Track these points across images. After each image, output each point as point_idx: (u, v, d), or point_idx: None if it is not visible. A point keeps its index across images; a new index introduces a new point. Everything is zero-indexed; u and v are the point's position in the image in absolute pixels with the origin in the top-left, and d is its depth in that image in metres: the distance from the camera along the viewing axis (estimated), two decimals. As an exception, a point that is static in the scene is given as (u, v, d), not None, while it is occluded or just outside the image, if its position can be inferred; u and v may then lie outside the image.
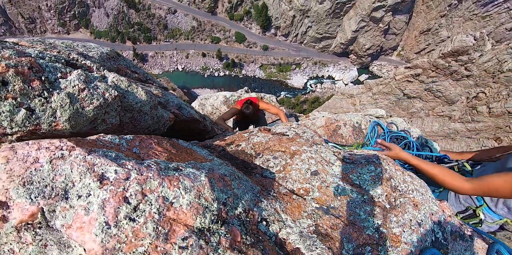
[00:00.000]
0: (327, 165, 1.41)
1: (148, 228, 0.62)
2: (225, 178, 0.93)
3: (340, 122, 6.41)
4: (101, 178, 0.65)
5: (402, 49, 70.10)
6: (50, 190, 0.62)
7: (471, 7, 58.61)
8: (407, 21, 66.45)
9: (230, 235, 0.77)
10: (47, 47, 1.49)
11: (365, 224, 1.13)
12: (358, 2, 64.86)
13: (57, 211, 0.60)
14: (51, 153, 0.67)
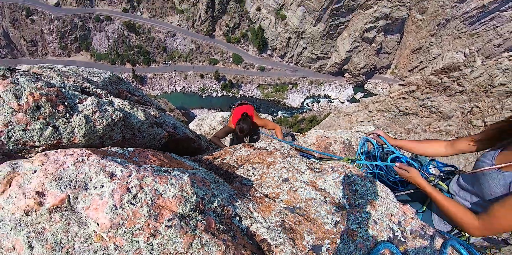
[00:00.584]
0: (297, 173, 1.66)
1: (143, 210, 0.87)
2: (205, 180, 1.19)
3: (330, 139, 6.66)
4: (111, 175, 0.90)
5: (395, 67, 72.11)
6: (74, 183, 0.87)
7: (459, 25, 61.09)
8: (398, 40, 68.94)
9: (205, 221, 1.02)
10: (63, 77, 1.79)
11: (325, 221, 1.37)
12: (351, 24, 67.50)
13: (79, 198, 0.85)
14: (74, 158, 0.93)
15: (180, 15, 74.08)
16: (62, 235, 0.83)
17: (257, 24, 73.86)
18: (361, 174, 1.75)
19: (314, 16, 66.60)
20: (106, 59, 70.79)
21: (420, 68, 65.67)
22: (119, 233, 0.84)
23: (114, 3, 72.21)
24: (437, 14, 62.24)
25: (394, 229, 1.58)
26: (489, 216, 1.67)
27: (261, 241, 1.21)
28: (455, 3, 59.90)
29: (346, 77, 74.30)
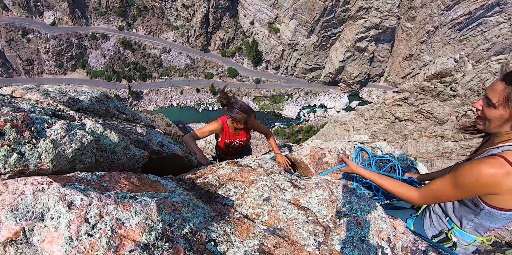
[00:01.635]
0: (279, 191, 1.63)
1: (102, 241, 0.83)
2: (175, 205, 1.15)
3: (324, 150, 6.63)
4: (69, 204, 0.87)
5: (388, 75, 73.15)
6: (31, 214, 0.83)
7: (447, 32, 62.73)
8: (390, 48, 70.30)
9: (173, 250, 0.97)
10: (41, 98, 1.77)
11: (306, 242, 1.32)
12: (343, 35, 68.86)
13: (35, 230, 0.82)
14: (34, 187, 0.90)
15: (175, 31, 75.32)
16: (15, 272, 0.78)
17: (251, 37, 75.15)
18: (346, 190, 1.71)
19: (306, 28, 67.98)
20: (102, 76, 71.30)
21: (412, 75, 66.80)
22: (74, 267, 0.79)
23: (109, 21, 73.43)
24: (425, 22, 63.82)
25: (383, 247, 1.53)
26: (428, 187, 1.91)
27: (237, 266, 1.16)
28: (442, 11, 61.58)
29: (340, 86, 75.09)
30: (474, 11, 59.45)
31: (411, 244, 1.66)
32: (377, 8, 63.13)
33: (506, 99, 1.59)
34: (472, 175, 1.64)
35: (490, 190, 1.64)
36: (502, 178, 1.56)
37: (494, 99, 1.64)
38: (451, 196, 1.80)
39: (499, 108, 1.64)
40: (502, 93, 1.62)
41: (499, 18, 60.01)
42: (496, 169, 1.58)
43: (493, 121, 1.70)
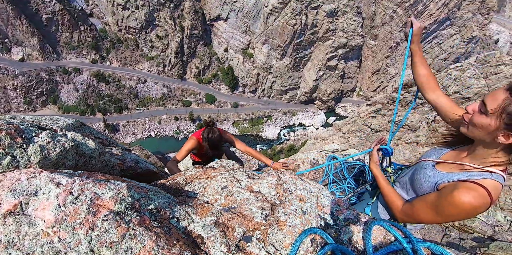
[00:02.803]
0: (236, 182, 1.93)
1: (83, 208, 1.11)
2: (143, 188, 1.43)
3: (298, 161, 6.97)
4: (57, 184, 1.14)
5: (360, 89, 76.63)
6: (27, 192, 1.10)
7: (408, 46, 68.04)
8: (358, 65, 74.31)
9: (140, 218, 1.25)
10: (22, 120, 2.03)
11: (255, 215, 1.61)
12: (313, 55, 72.21)
13: (30, 203, 1.08)
14: (28, 175, 1.17)
15: (150, 61, 76.25)
16: (14, 235, 1.04)
17: (226, 63, 77.19)
18: (293, 176, 2.04)
19: (279, 51, 70.91)
20: (75, 111, 69.48)
21: (382, 88, 70.69)
22: (62, 227, 1.06)
23: (82, 55, 73.27)
24: (387, 39, 68.60)
25: (326, 218, 1.83)
26: (411, 205, 1.97)
27: (196, 236, 1.43)
28: (401, 28, 66.74)
29: (316, 104, 77.47)
30: (428, 26, 65.19)
31: (353, 217, 1.98)
32: (342, 29, 67.30)
33: (502, 109, 1.50)
34: (454, 206, 1.65)
35: (468, 217, 1.70)
36: (480, 209, 1.59)
37: (491, 106, 1.55)
38: (430, 221, 1.86)
39: (491, 117, 1.56)
40: (502, 102, 1.51)
41: (451, 30, 66.12)
42: (477, 202, 1.58)
43: (477, 128, 1.64)
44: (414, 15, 64.90)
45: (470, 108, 1.68)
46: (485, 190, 1.58)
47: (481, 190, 1.59)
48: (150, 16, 71.10)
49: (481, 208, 1.59)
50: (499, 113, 1.50)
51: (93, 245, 1.07)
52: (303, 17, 65.12)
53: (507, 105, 1.46)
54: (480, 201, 1.57)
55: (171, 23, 71.45)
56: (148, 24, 72.63)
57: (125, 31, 74.09)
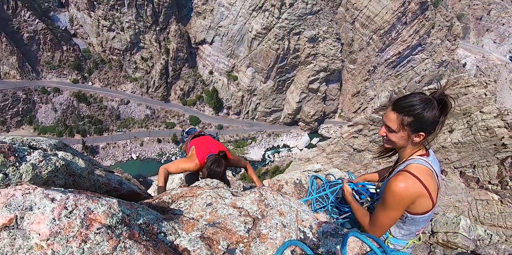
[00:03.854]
0: (220, 199, 2.02)
1: (77, 221, 1.18)
2: (132, 205, 1.51)
3: (281, 181, 7.05)
4: (52, 199, 1.21)
5: (341, 111, 78.88)
6: (22, 207, 1.17)
7: (384, 70, 72.09)
8: (339, 88, 77.01)
9: (130, 231, 1.33)
10: (14, 139, 2.08)
11: (238, 229, 1.70)
12: (296, 78, 74.37)
13: (25, 217, 1.15)
14: (23, 191, 1.24)
15: (133, 83, 76.04)
16: (8, 248, 1.10)
17: (211, 86, 78.01)
18: (274, 192, 2.16)
19: (263, 74, 72.67)
20: (52, 132, 66.25)
21: (362, 109, 73.37)
22: (56, 240, 1.13)
23: (63, 75, 71.74)
24: (365, 63, 72.09)
25: (305, 231, 1.94)
26: (372, 214, 2.33)
27: (182, 250, 1.50)
28: (377, 53, 70.54)
29: (300, 125, 78.67)
30: (402, 51, 69.57)
31: (331, 230, 2.09)
32: (323, 53, 70.23)
33: (401, 125, 2.05)
34: (390, 195, 2.07)
35: (408, 201, 2.07)
36: (411, 187, 2.00)
37: (393, 126, 2.08)
38: (389, 220, 2.19)
39: (400, 132, 2.08)
40: (397, 120, 2.06)
41: (423, 55, 70.93)
42: (403, 182, 2.02)
43: (396, 142, 2.16)
44: (389, 42, 69.19)
45: (382, 132, 2.21)
46: (407, 172, 2.04)
47: (405, 174, 2.04)
48: (136, 38, 71.97)
49: (412, 187, 2.00)
50: (402, 128, 2.05)
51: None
52: (286, 42, 67.77)
53: (401, 121, 2.03)
54: (406, 181, 2.00)
55: (157, 46, 72.43)
56: (133, 46, 73.29)
57: (109, 52, 74.26)
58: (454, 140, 22.18)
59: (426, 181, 2.04)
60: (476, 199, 18.90)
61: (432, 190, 2.05)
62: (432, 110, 1.98)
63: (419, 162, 2.12)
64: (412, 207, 2.12)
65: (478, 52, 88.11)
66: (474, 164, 20.98)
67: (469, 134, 21.63)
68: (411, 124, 2.02)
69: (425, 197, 2.05)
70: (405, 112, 2.02)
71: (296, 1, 65.54)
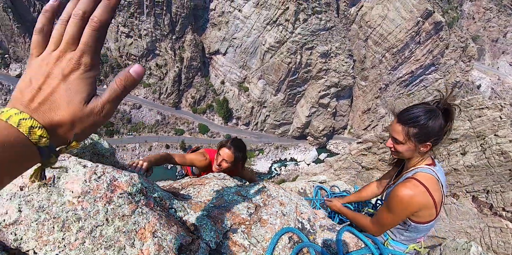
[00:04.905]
0: (226, 188, 2.18)
1: (104, 185, 1.37)
2: (149, 181, 1.69)
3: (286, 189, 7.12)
4: (84, 165, 1.41)
5: (351, 127, 78.33)
6: (59, 169, 1.36)
7: (396, 88, 71.37)
8: (349, 104, 76.78)
9: (146, 200, 1.50)
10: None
11: (241, 212, 1.85)
12: (307, 92, 74.68)
13: (61, 177, 1.34)
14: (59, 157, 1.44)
15: (147, 88, 77.60)
16: (45, 202, 1.29)
17: (221, 95, 78.93)
18: (276, 186, 2.31)
19: (273, 87, 73.31)
20: (66, 132, 68.49)
21: (372, 126, 72.63)
22: (85, 198, 1.31)
23: (80, 80, 73.99)
24: (377, 81, 72.03)
25: (303, 223, 2.07)
26: (375, 215, 2.43)
27: (190, 225, 1.66)
28: (389, 71, 70.50)
29: (308, 140, 78.34)
30: (415, 70, 69.33)
31: (329, 225, 2.22)
32: (334, 69, 70.69)
33: (407, 136, 2.11)
34: (397, 200, 2.11)
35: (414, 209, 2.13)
36: (418, 196, 2.05)
37: (400, 138, 2.15)
38: (391, 222, 2.27)
39: (406, 143, 2.14)
40: (403, 132, 2.12)
41: (436, 75, 70.28)
42: (412, 190, 2.06)
43: (404, 153, 2.22)
44: (401, 60, 69.25)
45: (390, 144, 2.29)
46: (415, 180, 2.07)
47: (413, 181, 2.07)
48: (152, 45, 73.95)
49: (418, 196, 2.04)
50: (408, 139, 2.12)
51: (109, 215, 1.32)
52: (298, 56, 68.60)
53: (407, 132, 2.10)
54: (414, 189, 2.03)
55: (171, 54, 74.18)
56: (149, 52, 75.23)
57: (125, 58, 76.31)
58: (467, 163, 21.73)
59: (433, 191, 2.07)
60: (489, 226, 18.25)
61: (438, 201, 2.09)
62: (436, 119, 2.05)
63: (427, 171, 2.17)
64: (416, 215, 2.17)
65: (494, 74, 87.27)
66: (488, 189, 20.36)
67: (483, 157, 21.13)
68: (416, 135, 2.08)
69: (431, 208, 2.09)
70: (410, 123, 2.09)
71: (310, 17, 66.70)
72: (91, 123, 0.59)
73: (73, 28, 0.58)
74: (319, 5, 67.54)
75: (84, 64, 0.58)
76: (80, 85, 0.57)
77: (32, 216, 1.24)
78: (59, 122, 0.55)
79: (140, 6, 68.58)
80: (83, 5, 0.58)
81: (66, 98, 0.56)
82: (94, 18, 0.57)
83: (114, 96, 0.61)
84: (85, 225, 1.26)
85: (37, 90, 0.56)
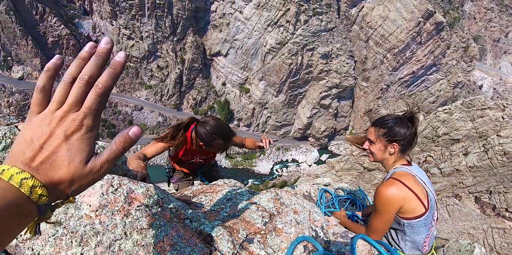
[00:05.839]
0: (239, 195, 2.16)
1: (121, 198, 1.34)
2: (164, 191, 1.67)
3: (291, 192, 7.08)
4: (99, 177, 1.40)
5: (352, 128, 78.19)
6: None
7: (398, 89, 71.20)
8: (351, 105, 76.69)
9: (163, 212, 1.48)
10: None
11: (256, 221, 1.83)
12: (308, 93, 74.67)
13: (79, 191, 1.32)
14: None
15: (148, 90, 77.72)
16: (62, 216, 1.27)
17: (223, 97, 79.01)
18: (288, 193, 2.29)
19: (275, 88, 73.33)
20: (68, 133, 68.81)
21: (374, 128, 72.35)
22: (103, 212, 1.29)
23: (83, 80, 74.15)
24: (378, 81, 71.95)
25: (317, 231, 2.05)
26: (368, 225, 2.51)
27: (206, 235, 1.63)
28: (391, 72, 70.41)
29: (310, 141, 78.24)
30: (416, 71, 69.17)
31: (342, 232, 2.19)
32: (335, 70, 70.68)
33: (378, 136, 2.46)
34: (379, 200, 2.31)
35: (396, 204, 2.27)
36: (395, 190, 2.25)
37: (372, 138, 2.50)
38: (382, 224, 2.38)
39: (376, 143, 2.47)
40: (374, 133, 2.49)
41: (438, 75, 70.10)
42: (388, 187, 2.27)
43: (376, 153, 2.51)
44: (403, 61, 69.16)
45: (365, 145, 2.57)
46: (392, 178, 2.30)
47: (390, 180, 2.31)
48: (153, 47, 74.13)
49: (395, 190, 2.23)
50: (378, 138, 2.44)
51: (127, 229, 1.30)
52: (299, 58, 68.62)
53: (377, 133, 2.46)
54: (390, 185, 2.24)
55: (173, 55, 74.33)
56: (150, 54, 75.41)
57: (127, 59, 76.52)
58: (469, 164, 21.66)
59: (410, 184, 2.26)
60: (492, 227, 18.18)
61: (418, 191, 2.25)
62: (401, 124, 2.41)
63: (401, 169, 2.40)
64: (403, 211, 2.28)
65: (495, 74, 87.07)
66: (491, 190, 20.30)
67: (485, 158, 21.04)
68: (385, 135, 2.42)
69: (413, 199, 2.23)
70: (379, 125, 2.47)
71: (310, 18, 66.77)
72: (88, 181, 0.61)
73: (78, 91, 0.61)
74: (320, 6, 67.60)
75: (86, 126, 0.60)
76: (81, 145, 0.59)
77: (50, 231, 1.22)
78: (59, 181, 0.57)
79: (141, 8, 68.78)
80: (89, 70, 0.61)
81: (67, 158, 0.57)
82: (99, 84, 0.60)
83: (113, 157, 0.63)
84: (103, 240, 1.23)
85: (38, 148, 0.57)
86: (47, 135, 0.58)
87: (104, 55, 0.62)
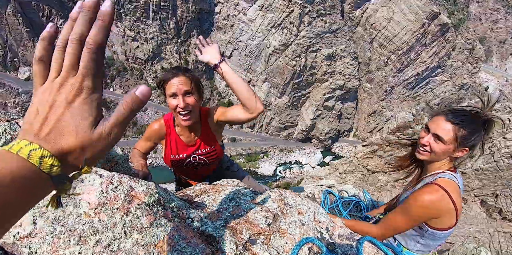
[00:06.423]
0: (242, 195, 2.11)
1: (121, 196, 1.31)
2: (166, 190, 1.63)
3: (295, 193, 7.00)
4: (100, 175, 1.35)
5: (356, 130, 77.84)
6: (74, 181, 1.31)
7: (402, 91, 70.77)
8: (355, 106, 76.39)
9: (164, 211, 1.44)
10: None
11: (260, 222, 1.78)
12: (312, 95, 74.53)
13: (77, 188, 1.28)
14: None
15: (152, 91, 77.94)
16: (60, 213, 1.23)
17: (226, 98, 79.19)
18: (293, 193, 2.24)
19: (278, 90, 73.31)
20: (74, 134, 69.61)
21: (378, 129, 72.01)
22: (102, 210, 1.25)
23: (88, 82, 75.04)
24: (382, 83, 71.62)
25: (322, 232, 1.99)
26: (384, 220, 2.33)
27: (208, 236, 1.59)
28: (395, 73, 70.05)
29: (313, 142, 78.01)
30: (421, 72, 68.74)
31: (347, 234, 2.14)
32: (339, 72, 70.51)
33: (456, 138, 1.98)
34: (417, 205, 2.03)
35: (433, 214, 2.04)
36: (439, 202, 1.97)
37: (446, 137, 1.99)
38: (405, 226, 2.18)
39: (448, 144, 2.00)
40: (451, 132, 1.98)
41: (443, 77, 69.60)
42: (433, 195, 1.98)
43: (438, 153, 2.07)
44: (407, 62, 68.83)
45: (426, 142, 2.11)
46: (437, 186, 2.00)
47: (434, 187, 2.00)
48: (158, 49, 74.56)
49: (439, 201, 1.99)
50: (454, 139, 1.99)
51: (126, 228, 1.26)
52: (303, 59, 68.58)
53: (457, 134, 1.98)
54: (436, 194, 1.98)
55: (177, 57, 74.71)
56: (154, 56, 75.85)
57: (131, 61, 77.02)
58: (475, 166, 21.40)
59: (454, 197, 1.99)
60: (498, 230, 17.96)
61: (458, 205, 2.00)
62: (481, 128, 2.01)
63: (449, 177, 2.07)
64: (435, 221, 2.09)
65: (501, 76, 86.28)
66: (497, 193, 20.08)
67: (491, 160, 20.78)
68: (463, 138, 1.97)
69: (452, 214, 2.01)
70: (462, 124, 1.97)
71: (314, 20, 66.75)
72: (101, 148, 0.59)
73: (72, 53, 0.58)
74: (324, 7, 67.56)
75: (87, 88, 0.58)
76: (86, 109, 0.58)
77: (47, 229, 1.18)
78: (69, 149, 0.55)
79: (146, 10, 69.28)
80: (78, 28, 0.58)
81: (73, 124, 0.56)
82: (89, 40, 0.57)
83: (122, 119, 0.60)
84: (102, 238, 1.20)
85: (44, 119, 0.56)
86: (50, 104, 0.57)
87: (92, 9, 0.57)
